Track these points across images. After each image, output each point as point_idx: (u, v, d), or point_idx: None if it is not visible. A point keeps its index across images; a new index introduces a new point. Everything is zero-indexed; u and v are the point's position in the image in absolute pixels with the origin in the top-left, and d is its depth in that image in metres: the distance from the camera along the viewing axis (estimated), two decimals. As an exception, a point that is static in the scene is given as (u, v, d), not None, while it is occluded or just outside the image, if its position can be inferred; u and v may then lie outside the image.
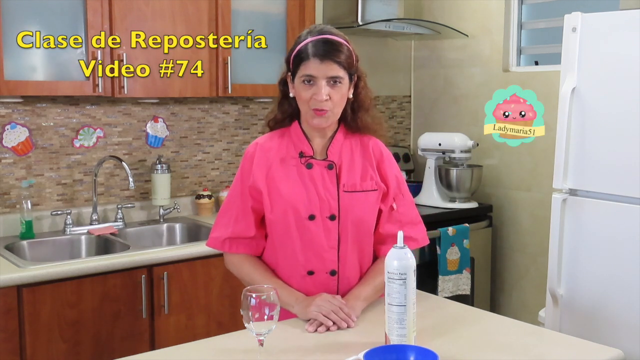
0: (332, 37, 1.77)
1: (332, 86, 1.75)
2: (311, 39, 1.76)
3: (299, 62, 1.77)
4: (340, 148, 1.86)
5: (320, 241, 1.81)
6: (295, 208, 1.80)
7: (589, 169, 2.58)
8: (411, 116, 4.17)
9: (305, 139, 1.85)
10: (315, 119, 1.78)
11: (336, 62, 1.74)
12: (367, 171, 1.87)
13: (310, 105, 1.76)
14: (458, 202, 3.60)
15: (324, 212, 1.81)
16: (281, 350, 1.55)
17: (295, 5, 3.22)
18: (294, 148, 1.85)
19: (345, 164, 1.85)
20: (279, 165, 1.84)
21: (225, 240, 1.87)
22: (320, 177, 1.82)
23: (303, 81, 1.76)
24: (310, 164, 1.83)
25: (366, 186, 1.85)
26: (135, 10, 2.79)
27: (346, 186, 1.83)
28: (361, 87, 1.86)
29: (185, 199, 3.32)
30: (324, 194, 1.81)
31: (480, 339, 1.68)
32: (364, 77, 1.86)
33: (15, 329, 2.31)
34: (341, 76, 1.75)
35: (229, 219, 1.87)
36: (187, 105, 3.30)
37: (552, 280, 2.66)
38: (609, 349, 1.62)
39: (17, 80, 2.57)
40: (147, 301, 2.56)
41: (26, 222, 2.78)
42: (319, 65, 1.73)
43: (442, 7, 3.91)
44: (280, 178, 1.82)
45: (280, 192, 1.81)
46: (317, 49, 1.74)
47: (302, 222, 1.80)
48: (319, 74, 1.74)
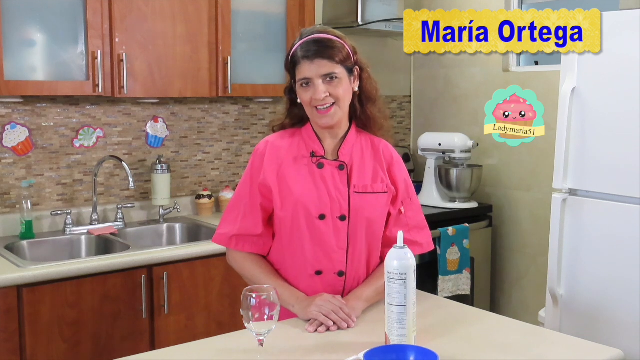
0: (320, 36, 1.78)
1: (328, 83, 1.75)
2: (300, 42, 1.78)
3: (293, 67, 1.79)
4: (351, 149, 1.86)
5: (329, 241, 1.80)
6: (305, 207, 1.79)
7: (589, 169, 2.58)
8: (411, 116, 4.17)
9: (317, 139, 1.85)
10: (322, 119, 1.78)
11: (326, 58, 1.75)
12: (377, 173, 1.86)
13: (312, 106, 1.77)
14: (458, 202, 3.60)
15: (335, 212, 1.80)
16: (281, 350, 1.55)
17: (295, 5, 3.22)
18: (305, 147, 1.85)
19: (356, 165, 1.85)
20: (291, 163, 1.83)
21: (232, 237, 1.87)
22: (331, 177, 1.82)
23: (301, 85, 1.77)
24: (322, 163, 1.83)
25: (377, 188, 1.84)
26: (135, 10, 2.79)
27: (357, 187, 1.83)
28: (365, 79, 1.86)
29: (185, 199, 3.32)
30: (334, 194, 1.80)
31: (480, 339, 1.68)
32: (366, 68, 1.86)
33: (15, 329, 2.31)
34: (336, 72, 1.76)
35: (236, 215, 1.87)
36: (187, 105, 3.30)
37: (552, 280, 2.66)
38: (609, 349, 1.62)
39: (17, 80, 2.57)
40: (147, 301, 2.56)
41: (26, 222, 2.78)
42: (310, 65, 1.75)
43: (442, 7, 3.90)
44: (292, 176, 1.82)
45: (291, 190, 1.80)
46: (305, 50, 1.76)
47: (313, 221, 1.79)
48: (312, 75, 1.75)
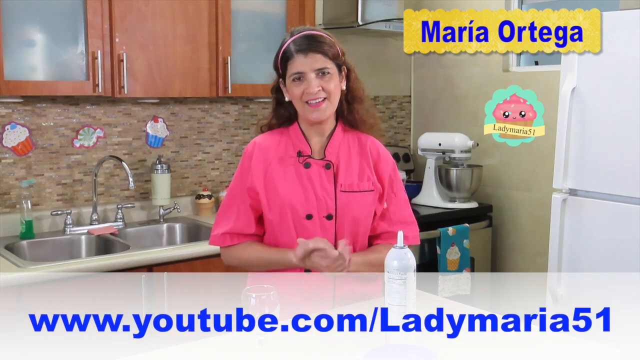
0: (313, 32, 1.83)
1: (321, 77, 1.79)
2: (292, 38, 1.82)
3: (285, 62, 1.81)
4: (338, 147, 1.88)
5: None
6: (293, 207, 1.82)
7: (589, 169, 2.58)
8: (411, 116, 4.17)
9: (304, 138, 1.87)
10: (313, 113, 1.81)
11: (320, 53, 1.78)
12: (364, 171, 1.89)
13: (303, 100, 1.80)
14: (458, 202, 3.60)
15: (321, 212, 1.83)
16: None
17: (295, 5, 3.22)
18: (292, 147, 1.87)
19: (342, 163, 1.87)
20: (277, 164, 1.86)
21: (225, 234, 1.89)
22: (317, 177, 1.85)
23: (293, 80, 1.80)
24: (308, 163, 1.85)
25: (363, 186, 1.87)
26: (135, 10, 2.79)
27: (343, 186, 1.85)
28: (353, 79, 1.89)
29: (185, 199, 3.32)
30: (321, 193, 1.83)
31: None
32: (353, 68, 1.90)
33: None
34: (328, 67, 1.79)
35: (229, 216, 1.90)
36: (187, 105, 3.30)
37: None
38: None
39: (17, 80, 2.57)
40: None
41: (26, 222, 2.78)
42: (304, 59, 1.78)
43: (442, 7, 3.90)
44: (278, 177, 1.84)
45: (278, 191, 1.83)
46: (299, 44, 1.79)
47: (300, 221, 1.83)
48: (306, 69, 1.78)
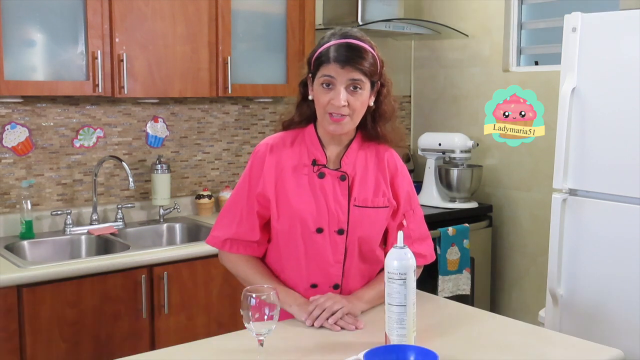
0: (355, 42, 1.69)
1: (351, 92, 1.69)
2: (334, 42, 1.70)
3: (319, 64, 1.71)
4: (354, 158, 1.80)
5: (326, 255, 1.77)
6: (303, 220, 1.75)
7: (589, 169, 2.58)
8: (411, 116, 4.17)
9: (320, 145, 1.79)
10: (332, 126, 1.72)
11: (357, 69, 1.68)
12: (379, 186, 1.81)
13: (326, 110, 1.71)
14: (458, 202, 3.60)
15: (332, 226, 1.76)
16: (281, 350, 1.55)
17: (295, 5, 3.22)
18: (307, 155, 1.79)
19: (358, 176, 1.79)
20: (291, 173, 1.78)
21: (226, 241, 1.83)
22: (331, 189, 1.77)
23: (322, 84, 1.70)
24: (323, 173, 1.77)
25: (378, 202, 1.79)
26: (135, 10, 2.79)
27: (357, 200, 1.77)
28: (384, 96, 1.79)
29: (185, 199, 3.32)
30: (334, 207, 1.76)
31: (480, 339, 1.68)
32: (389, 84, 1.79)
33: (15, 329, 2.31)
34: (361, 83, 1.69)
35: (232, 219, 1.83)
36: (187, 105, 3.30)
37: (552, 280, 2.66)
38: (609, 349, 1.62)
39: (17, 80, 2.56)
40: (147, 301, 2.56)
41: (26, 222, 2.78)
42: (339, 70, 1.67)
43: (442, 7, 3.91)
44: (291, 187, 1.77)
45: (289, 202, 1.76)
46: (338, 53, 1.67)
47: (310, 234, 1.76)
48: (338, 78, 1.68)
